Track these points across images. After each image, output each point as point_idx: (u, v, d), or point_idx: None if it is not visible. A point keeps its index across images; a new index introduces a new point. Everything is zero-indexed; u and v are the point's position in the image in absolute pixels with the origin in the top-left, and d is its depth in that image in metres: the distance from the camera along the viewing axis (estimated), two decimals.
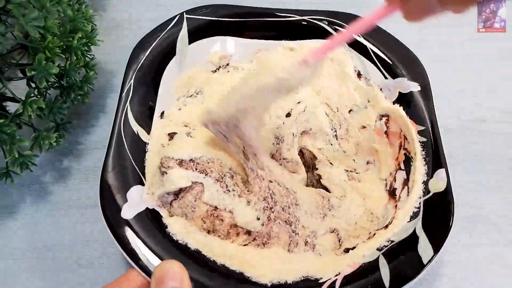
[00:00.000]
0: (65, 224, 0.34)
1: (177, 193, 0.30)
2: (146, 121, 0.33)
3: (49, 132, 0.32)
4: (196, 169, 0.31)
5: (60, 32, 0.31)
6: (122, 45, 0.42)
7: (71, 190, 0.35)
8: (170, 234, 0.28)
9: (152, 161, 0.32)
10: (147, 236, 0.28)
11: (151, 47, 0.35)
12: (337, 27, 0.37)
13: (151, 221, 0.29)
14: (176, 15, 0.36)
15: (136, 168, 0.31)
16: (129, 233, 0.27)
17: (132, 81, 0.33)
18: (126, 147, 0.31)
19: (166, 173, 0.30)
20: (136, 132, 0.32)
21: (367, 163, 0.35)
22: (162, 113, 0.35)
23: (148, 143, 0.33)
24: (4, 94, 0.32)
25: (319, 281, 0.27)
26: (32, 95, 0.31)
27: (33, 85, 0.33)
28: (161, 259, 0.27)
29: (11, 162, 0.30)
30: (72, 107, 0.36)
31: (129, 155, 0.31)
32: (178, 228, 0.29)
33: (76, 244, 0.33)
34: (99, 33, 0.36)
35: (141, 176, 0.31)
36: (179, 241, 0.28)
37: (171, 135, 0.34)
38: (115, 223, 0.28)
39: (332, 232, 0.31)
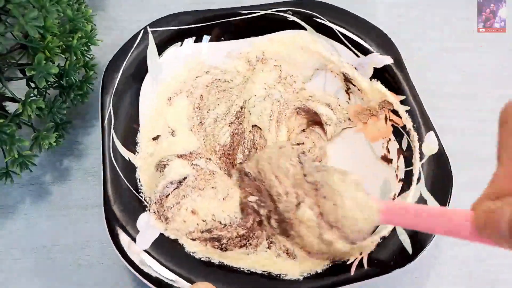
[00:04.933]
0: (65, 224, 0.34)
1: (181, 181, 0.30)
2: (135, 145, 0.32)
3: (48, 132, 0.32)
4: (200, 158, 0.32)
5: (59, 32, 0.31)
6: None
7: (71, 190, 0.35)
8: (191, 253, 0.28)
9: (145, 179, 0.31)
10: (169, 260, 0.27)
11: (122, 68, 0.34)
12: (302, 15, 0.37)
13: (169, 245, 0.28)
14: (140, 30, 0.35)
15: (137, 195, 0.30)
16: (151, 262, 0.27)
17: (111, 107, 0.32)
18: (122, 176, 0.30)
19: (168, 165, 0.30)
20: (128, 159, 0.31)
21: None
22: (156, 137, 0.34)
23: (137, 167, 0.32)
24: (4, 94, 0.32)
25: (347, 263, 0.27)
26: (32, 95, 0.31)
27: (32, 85, 0.33)
28: (190, 280, 0.26)
29: (10, 162, 0.30)
30: (72, 107, 0.36)
31: (127, 184, 0.30)
32: (196, 245, 0.28)
33: (76, 244, 0.33)
34: (98, 33, 0.36)
35: (145, 201, 0.30)
36: (202, 258, 0.28)
37: (155, 139, 0.33)
38: (133, 256, 0.27)
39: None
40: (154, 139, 0.33)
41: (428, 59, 0.39)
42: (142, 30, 0.35)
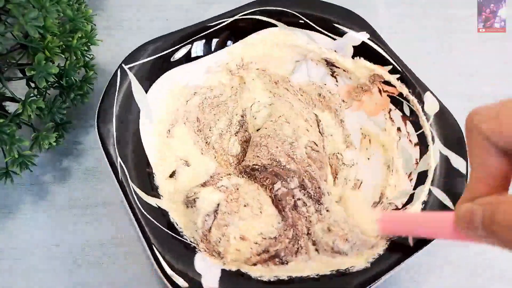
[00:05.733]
0: (65, 224, 0.34)
1: (216, 210, 0.29)
2: (156, 190, 0.31)
3: (48, 132, 0.32)
4: (221, 177, 0.31)
5: (59, 32, 0.31)
6: (122, 45, 0.42)
7: (71, 190, 0.35)
8: (258, 278, 0.27)
9: (180, 219, 0.29)
10: None
11: (114, 116, 0.31)
12: (269, 13, 0.37)
13: (235, 277, 0.27)
14: (116, 70, 0.33)
15: (182, 239, 0.28)
16: None
17: (119, 159, 0.30)
18: (160, 226, 0.28)
19: (198, 198, 0.29)
20: (156, 206, 0.29)
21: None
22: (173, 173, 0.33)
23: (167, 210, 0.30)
24: (4, 94, 0.32)
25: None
26: (32, 95, 0.31)
27: (32, 85, 0.33)
28: None
29: (10, 162, 0.30)
30: (72, 107, 0.36)
31: (168, 232, 0.28)
32: (259, 269, 0.28)
33: (76, 244, 0.33)
34: (98, 33, 0.36)
35: (192, 243, 0.28)
36: (271, 279, 0.27)
37: (172, 175, 0.32)
38: None
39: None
40: (171, 176, 0.32)
41: (428, 59, 0.39)
42: (118, 69, 0.33)
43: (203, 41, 0.36)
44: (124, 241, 0.33)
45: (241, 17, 0.36)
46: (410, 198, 0.30)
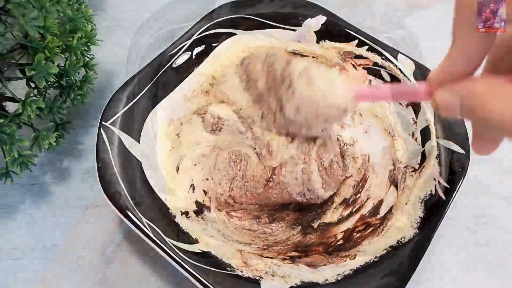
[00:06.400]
0: (65, 224, 0.34)
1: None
2: (184, 235, 0.29)
3: (48, 132, 0.32)
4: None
5: (59, 32, 0.31)
6: (122, 45, 0.42)
7: (71, 190, 0.35)
8: (326, 282, 0.28)
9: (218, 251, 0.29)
10: None
11: (119, 176, 0.29)
12: (224, 24, 0.36)
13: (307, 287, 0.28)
14: (99, 128, 0.30)
15: (241, 273, 0.27)
16: None
17: (145, 219, 0.28)
18: (214, 269, 0.27)
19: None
20: (200, 251, 0.28)
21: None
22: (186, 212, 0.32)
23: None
24: (4, 94, 0.32)
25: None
26: (32, 95, 0.31)
27: (32, 85, 0.33)
28: None
29: (10, 162, 0.30)
30: (72, 107, 0.36)
31: (224, 271, 0.27)
32: (323, 274, 0.28)
33: (76, 244, 0.33)
34: (98, 33, 0.36)
35: (242, 272, 0.28)
36: (338, 279, 0.28)
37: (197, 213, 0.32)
38: None
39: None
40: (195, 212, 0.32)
41: (428, 59, 0.39)
42: (100, 128, 0.31)
43: (170, 72, 0.35)
44: (124, 241, 0.33)
45: (198, 36, 0.36)
46: (423, 156, 0.31)
